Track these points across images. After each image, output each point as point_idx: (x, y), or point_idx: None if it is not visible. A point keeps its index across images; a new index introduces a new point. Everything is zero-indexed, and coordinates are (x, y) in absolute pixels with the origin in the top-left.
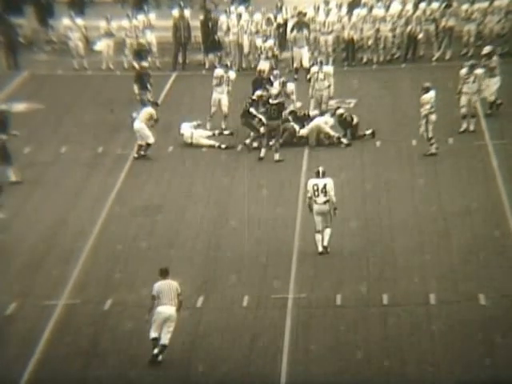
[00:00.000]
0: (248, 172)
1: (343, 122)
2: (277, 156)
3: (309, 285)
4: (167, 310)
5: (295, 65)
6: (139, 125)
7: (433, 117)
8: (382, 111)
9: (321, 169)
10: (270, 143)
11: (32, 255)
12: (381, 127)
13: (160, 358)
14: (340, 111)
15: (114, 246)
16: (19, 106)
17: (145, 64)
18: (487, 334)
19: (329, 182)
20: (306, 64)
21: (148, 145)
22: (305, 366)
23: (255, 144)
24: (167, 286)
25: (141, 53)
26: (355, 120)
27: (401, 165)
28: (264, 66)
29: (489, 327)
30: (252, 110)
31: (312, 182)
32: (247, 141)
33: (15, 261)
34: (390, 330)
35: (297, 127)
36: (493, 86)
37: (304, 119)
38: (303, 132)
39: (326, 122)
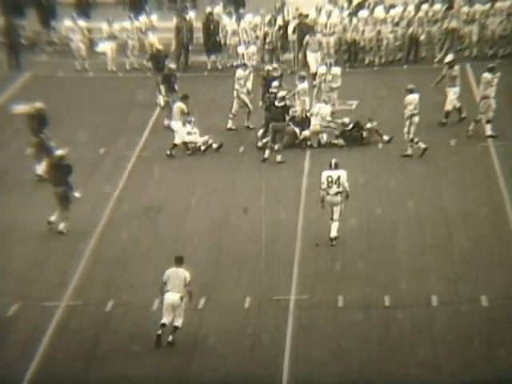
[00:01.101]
0: (250, 173)
1: (344, 133)
2: (279, 157)
3: (310, 286)
4: (171, 296)
5: (311, 70)
6: (177, 124)
7: (416, 119)
8: (384, 112)
9: (333, 160)
10: (276, 145)
11: (33, 256)
12: (382, 128)
13: (170, 338)
14: (346, 120)
15: (116, 247)
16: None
17: (172, 66)
18: (489, 335)
19: (342, 174)
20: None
21: (174, 145)
22: (306, 368)
23: (259, 144)
24: (175, 273)
25: (158, 57)
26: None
27: (402, 166)
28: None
29: (490, 329)
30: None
31: (326, 173)
32: (259, 133)
33: (17, 262)
34: (391, 332)
35: (297, 130)
36: (452, 95)
37: (303, 122)
38: (305, 134)
39: (323, 119)
